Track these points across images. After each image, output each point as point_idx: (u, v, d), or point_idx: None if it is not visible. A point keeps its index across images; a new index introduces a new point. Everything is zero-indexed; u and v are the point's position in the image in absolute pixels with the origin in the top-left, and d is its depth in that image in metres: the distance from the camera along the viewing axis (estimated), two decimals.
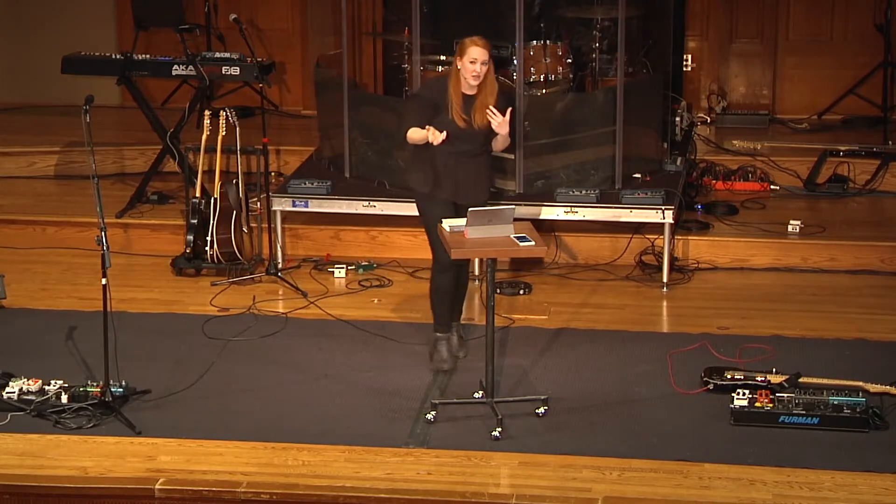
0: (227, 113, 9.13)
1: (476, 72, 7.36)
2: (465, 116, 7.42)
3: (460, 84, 7.43)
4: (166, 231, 9.62)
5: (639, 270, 9.18)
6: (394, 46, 10.53)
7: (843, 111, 11.28)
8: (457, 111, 7.42)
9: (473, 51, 7.35)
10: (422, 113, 7.50)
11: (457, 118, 7.42)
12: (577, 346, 7.99)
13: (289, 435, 6.93)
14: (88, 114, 7.20)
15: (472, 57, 7.35)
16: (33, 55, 11.98)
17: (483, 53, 7.35)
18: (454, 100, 7.43)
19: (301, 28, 11.88)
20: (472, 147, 7.50)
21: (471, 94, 7.45)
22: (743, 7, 11.54)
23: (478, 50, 7.35)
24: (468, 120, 7.42)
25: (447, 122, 7.41)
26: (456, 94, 7.44)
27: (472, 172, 7.56)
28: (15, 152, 10.88)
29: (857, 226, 9.55)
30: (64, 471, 6.63)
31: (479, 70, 7.36)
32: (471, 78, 7.38)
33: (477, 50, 7.35)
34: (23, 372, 7.43)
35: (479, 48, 7.36)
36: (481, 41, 7.40)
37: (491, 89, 7.45)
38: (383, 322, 8.36)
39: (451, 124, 7.42)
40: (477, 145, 7.52)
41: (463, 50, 7.38)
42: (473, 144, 7.50)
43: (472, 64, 7.35)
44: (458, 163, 7.51)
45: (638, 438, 6.87)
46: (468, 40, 7.40)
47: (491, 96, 7.43)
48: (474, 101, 7.44)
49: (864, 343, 8.00)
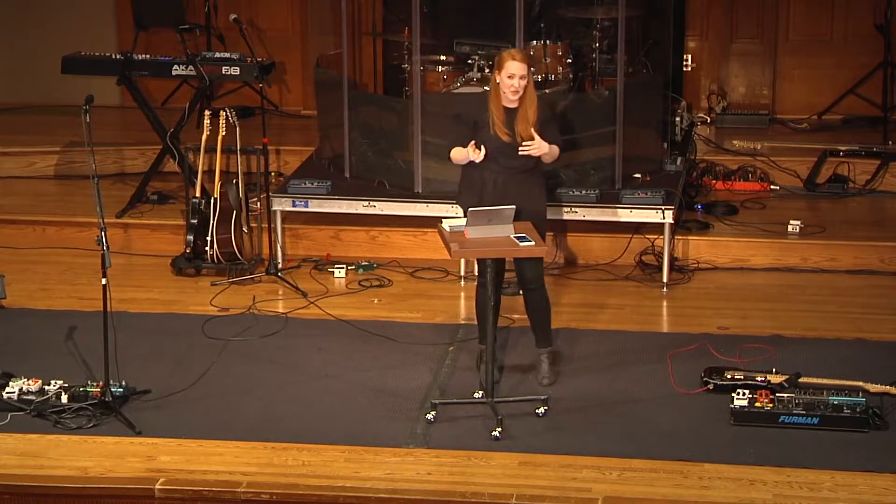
0: (227, 113, 9.13)
1: (514, 87, 7.18)
2: (507, 131, 7.26)
3: (500, 99, 7.27)
4: (166, 231, 9.62)
5: (639, 270, 9.18)
6: (394, 46, 10.53)
7: (843, 111, 11.28)
8: (499, 126, 7.26)
9: (511, 65, 7.17)
10: (461, 132, 7.36)
11: (500, 133, 7.26)
12: (577, 346, 7.99)
13: (289, 435, 6.93)
14: (88, 114, 7.20)
15: (510, 72, 7.18)
16: (33, 55, 11.98)
17: (521, 68, 7.17)
18: (495, 115, 7.27)
19: (301, 28, 11.88)
20: (520, 162, 7.32)
21: (512, 108, 7.29)
22: (743, 7, 11.54)
23: (515, 64, 7.17)
24: (511, 134, 7.26)
25: (490, 139, 7.28)
26: (497, 108, 7.27)
27: (524, 187, 7.36)
28: (15, 152, 10.88)
29: (857, 226, 9.55)
30: (64, 471, 6.63)
31: (518, 85, 7.18)
32: (510, 93, 7.21)
33: (515, 65, 7.17)
34: (23, 372, 7.43)
35: (517, 62, 7.18)
36: (519, 55, 7.23)
37: (531, 101, 7.27)
38: (383, 322, 8.36)
39: (494, 140, 7.27)
40: (523, 160, 7.32)
41: (501, 64, 7.21)
42: (521, 159, 7.31)
43: (510, 79, 7.18)
44: (508, 179, 7.34)
45: (638, 438, 6.87)
46: (506, 54, 7.23)
47: (531, 108, 7.26)
48: (516, 115, 7.28)
49: (864, 343, 8.00)
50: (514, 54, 7.23)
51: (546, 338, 7.58)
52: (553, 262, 9.23)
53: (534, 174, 7.44)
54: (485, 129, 7.30)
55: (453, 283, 9.07)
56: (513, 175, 7.36)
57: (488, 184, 7.38)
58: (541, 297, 7.51)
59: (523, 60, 7.21)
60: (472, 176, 7.44)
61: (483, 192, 7.38)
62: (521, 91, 7.23)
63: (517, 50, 7.35)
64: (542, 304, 7.54)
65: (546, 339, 7.58)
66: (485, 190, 7.39)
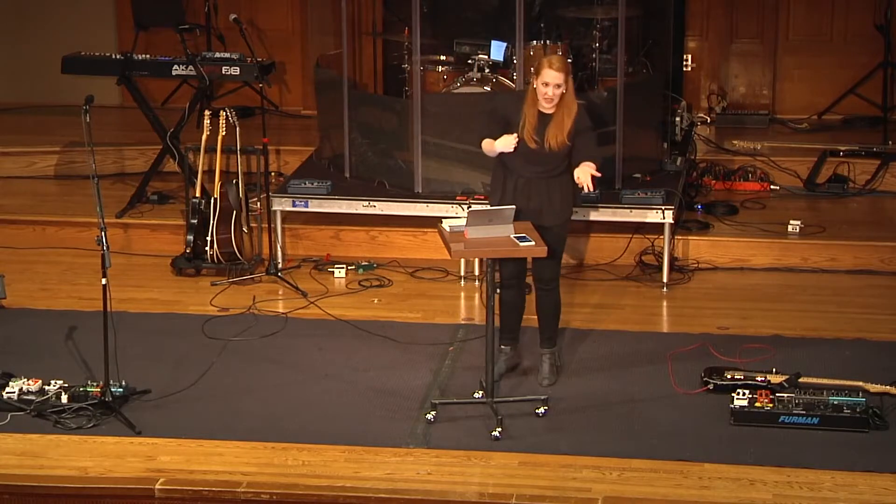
0: (227, 113, 9.13)
1: (549, 95, 7.11)
2: (536, 137, 7.19)
3: (536, 103, 7.20)
4: (166, 231, 9.62)
5: (639, 270, 9.18)
6: (394, 46, 10.53)
7: (843, 111, 11.28)
8: (528, 131, 7.20)
9: (547, 74, 7.08)
10: (493, 125, 7.30)
11: (527, 138, 7.20)
12: (577, 346, 7.99)
13: (289, 435, 6.93)
14: (88, 114, 7.21)
15: (545, 80, 7.10)
16: (33, 55, 11.98)
17: (557, 77, 7.06)
18: (528, 120, 7.20)
19: (301, 28, 11.87)
20: (544, 168, 7.28)
21: (548, 113, 7.23)
22: (743, 7, 11.54)
23: (552, 73, 7.06)
24: (539, 141, 7.20)
25: (520, 142, 7.22)
26: (531, 113, 7.20)
27: (548, 191, 7.30)
28: (15, 152, 10.87)
29: (857, 226, 9.55)
30: (64, 471, 6.63)
31: (552, 93, 7.10)
32: (544, 101, 7.15)
33: (551, 73, 7.07)
34: (23, 372, 7.43)
35: (553, 71, 7.07)
36: (557, 63, 7.10)
37: (569, 109, 7.18)
38: (383, 322, 8.36)
39: (523, 145, 7.22)
40: (550, 167, 7.28)
41: (539, 70, 7.13)
42: (545, 166, 7.27)
43: (545, 87, 7.11)
44: (529, 183, 7.30)
45: (638, 438, 6.87)
46: (545, 60, 7.13)
47: (568, 118, 7.18)
48: (550, 120, 7.21)
49: (864, 343, 8.00)
50: (553, 62, 7.11)
51: (551, 339, 7.58)
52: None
53: (560, 179, 7.35)
54: (515, 129, 7.24)
55: (453, 283, 9.07)
56: (537, 179, 7.31)
57: (510, 185, 7.36)
58: (554, 298, 7.52)
59: (560, 70, 7.08)
60: (499, 176, 7.41)
61: (506, 194, 7.36)
62: (555, 100, 7.15)
63: (557, 58, 7.21)
64: (554, 305, 7.55)
65: (551, 339, 7.59)
66: (506, 191, 7.37)
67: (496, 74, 9.52)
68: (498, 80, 9.45)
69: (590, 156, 7.26)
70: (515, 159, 7.28)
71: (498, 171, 7.43)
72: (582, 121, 7.28)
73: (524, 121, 7.22)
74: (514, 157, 7.26)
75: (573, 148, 7.27)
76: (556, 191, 7.36)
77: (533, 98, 7.22)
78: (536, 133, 7.21)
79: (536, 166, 7.29)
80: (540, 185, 7.32)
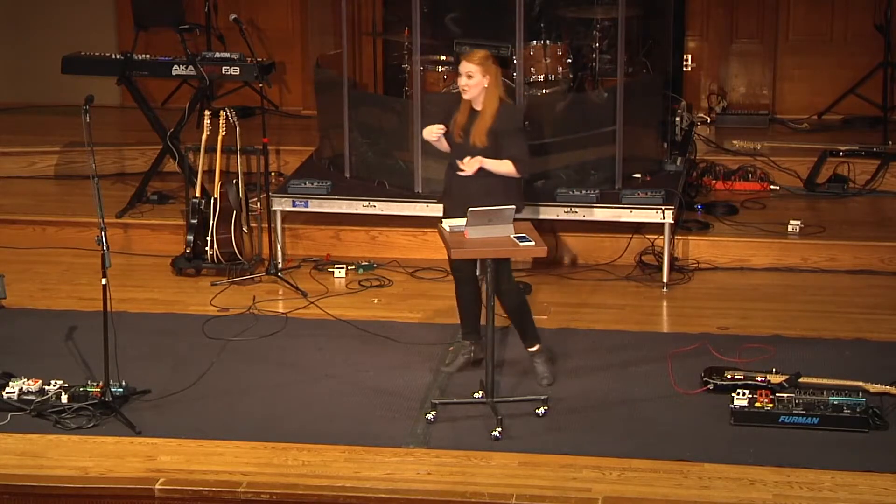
0: (227, 113, 9.13)
1: (461, 84, 7.23)
2: (461, 133, 7.29)
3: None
4: (166, 231, 9.62)
5: (639, 270, 9.18)
6: (394, 46, 10.53)
7: (843, 111, 11.28)
8: (458, 125, 7.30)
9: (463, 64, 7.23)
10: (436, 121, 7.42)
11: (455, 132, 7.31)
12: (577, 346, 7.99)
13: (289, 435, 6.93)
14: (88, 114, 7.21)
15: (460, 69, 7.25)
16: (33, 55, 11.98)
17: (466, 66, 7.19)
18: (460, 113, 7.32)
19: (301, 28, 11.87)
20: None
21: (477, 109, 7.29)
22: (743, 7, 11.54)
23: (463, 63, 7.22)
24: (464, 137, 7.28)
25: (449, 137, 7.36)
26: (463, 107, 7.31)
27: (483, 189, 7.29)
28: (15, 152, 10.88)
29: (857, 226, 9.55)
30: (64, 471, 6.63)
31: (465, 83, 7.20)
32: (461, 90, 7.27)
33: (463, 63, 7.22)
34: (23, 372, 7.43)
35: (466, 62, 7.22)
36: (476, 56, 7.23)
37: (490, 109, 7.24)
38: (383, 322, 8.36)
39: (451, 139, 7.36)
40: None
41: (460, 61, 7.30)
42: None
43: (459, 77, 7.25)
44: (461, 182, 7.35)
45: (638, 438, 6.87)
46: (466, 53, 7.30)
47: (489, 115, 7.24)
48: (477, 118, 7.29)
49: (864, 343, 8.00)
50: (470, 55, 7.25)
51: (531, 336, 7.53)
52: (553, 262, 9.23)
53: (496, 178, 7.31)
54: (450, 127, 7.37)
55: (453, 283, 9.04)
56: (463, 178, 7.30)
57: (447, 184, 7.45)
58: (513, 301, 7.46)
59: (474, 62, 7.19)
60: (448, 172, 7.50)
61: (449, 190, 7.46)
62: (468, 90, 7.21)
63: (476, 51, 7.32)
64: (517, 307, 7.49)
65: (530, 338, 7.54)
66: (449, 188, 7.45)
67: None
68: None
69: (510, 155, 7.25)
70: (453, 155, 7.38)
71: (448, 168, 7.51)
72: (507, 121, 7.28)
73: (457, 114, 7.34)
74: (452, 152, 7.38)
75: (500, 148, 7.26)
76: (497, 187, 7.30)
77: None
78: (464, 129, 7.30)
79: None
80: (476, 182, 7.30)
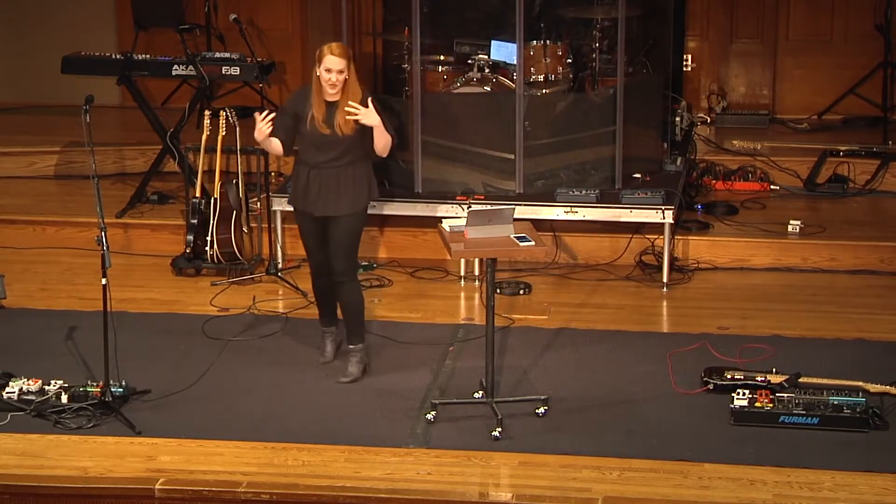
0: (227, 113, 9.13)
1: (332, 81, 7.21)
2: (325, 124, 7.28)
3: (321, 92, 7.28)
4: (166, 231, 9.62)
5: (639, 270, 9.18)
6: (394, 46, 10.53)
7: (843, 111, 11.28)
8: (318, 120, 7.29)
9: (329, 60, 7.19)
10: (281, 121, 7.37)
11: (318, 126, 7.30)
12: (577, 346, 7.99)
13: (289, 435, 6.92)
14: (88, 114, 7.21)
15: (327, 66, 7.20)
16: (33, 55, 11.98)
17: (338, 62, 7.18)
18: (316, 109, 7.29)
19: (301, 28, 11.87)
20: (335, 155, 7.33)
21: (334, 101, 7.30)
22: (743, 7, 11.54)
23: (333, 59, 7.19)
24: (331, 126, 7.28)
25: (310, 132, 7.32)
26: (318, 102, 7.29)
27: (334, 183, 7.35)
28: (15, 152, 10.87)
29: (857, 226, 9.55)
30: (64, 471, 6.63)
31: (336, 79, 7.20)
32: (328, 87, 7.23)
33: (332, 59, 7.19)
34: (23, 372, 7.43)
35: (334, 57, 7.19)
36: (338, 49, 7.23)
37: (353, 97, 7.25)
38: (383, 322, 8.36)
39: (314, 133, 7.31)
40: (339, 153, 7.33)
41: (320, 58, 7.22)
42: (336, 152, 7.32)
43: (327, 73, 7.21)
44: (319, 173, 7.35)
45: (638, 438, 6.87)
46: (325, 47, 7.24)
47: (354, 101, 7.24)
48: (337, 108, 7.28)
49: (864, 343, 8.00)
50: (333, 48, 7.23)
51: (355, 334, 7.57)
52: (553, 262, 9.24)
53: (352, 169, 7.37)
54: (305, 121, 7.33)
55: (453, 283, 9.07)
56: (327, 168, 7.34)
57: (302, 177, 7.41)
58: (351, 291, 7.52)
59: (341, 55, 7.20)
60: (296, 169, 7.52)
61: (298, 186, 7.44)
62: (338, 85, 7.23)
63: (337, 44, 7.31)
64: (352, 299, 7.54)
65: (356, 335, 7.57)
66: (299, 183, 7.43)
67: (496, 74, 9.53)
68: (498, 80, 9.46)
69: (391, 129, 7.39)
70: (307, 149, 7.39)
71: (295, 168, 7.54)
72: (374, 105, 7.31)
73: (312, 111, 7.30)
74: (305, 146, 7.39)
75: (365, 133, 7.30)
76: (348, 181, 7.37)
77: (318, 87, 7.29)
78: (326, 121, 7.29)
79: (327, 154, 7.33)
80: (329, 174, 7.35)
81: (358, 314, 7.57)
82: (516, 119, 9.13)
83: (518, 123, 9.12)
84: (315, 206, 7.38)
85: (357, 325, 7.58)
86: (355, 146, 7.35)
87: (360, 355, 7.59)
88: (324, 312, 7.78)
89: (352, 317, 7.56)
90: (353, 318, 7.56)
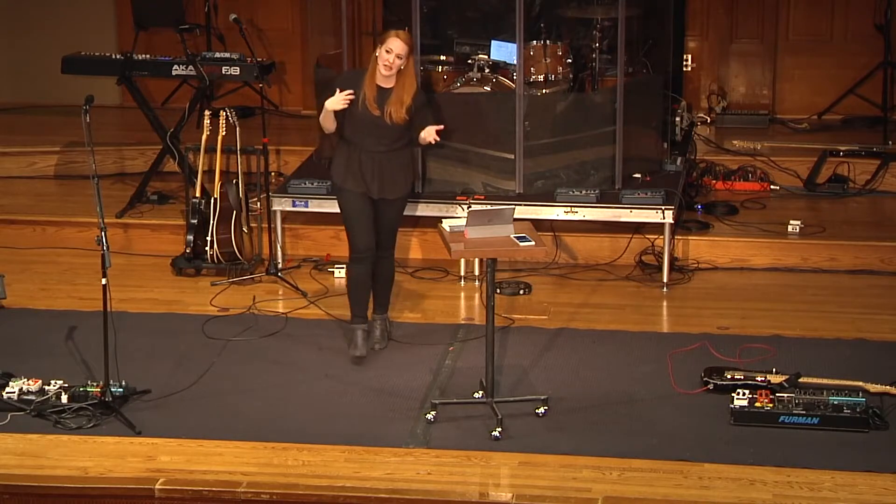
0: (227, 113, 9.13)
1: (388, 62, 7.42)
2: (377, 106, 7.49)
3: (376, 75, 7.49)
4: (166, 231, 9.62)
5: (639, 270, 9.18)
6: None
7: (843, 111, 11.28)
8: (370, 101, 7.49)
9: (392, 41, 7.42)
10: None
11: (370, 108, 7.50)
12: (577, 346, 8.00)
13: (289, 435, 6.93)
14: (88, 114, 7.21)
15: (389, 46, 7.42)
16: (33, 55, 11.98)
17: (401, 46, 7.41)
18: (368, 92, 7.49)
19: (301, 28, 11.88)
20: (386, 141, 7.58)
21: (387, 88, 7.51)
22: (743, 7, 11.54)
23: (396, 42, 7.42)
24: (381, 110, 7.49)
25: (361, 113, 7.51)
26: (370, 84, 7.51)
27: (388, 166, 7.63)
28: (15, 152, 10.88)
29: (857, 226, 9.55)
30: (64, 471, 6.63)
31: (392, 62, 7.41)
32: (383, 67, 7.44)
33: (396, 42, 7.42)
34: (23, 372, 7.43)
35: (398, 41, 7.42)
36: (405, 35, 7.48)
37: (409, 88, 7.51)
38: None
39: (365, 115, 7.52)
40: (390, 139, 7.59)
41: (384, 39, 7.46)
42: (387, 139, 7.58)
43: (387, 53, 7.41)
44: (372, 157, 7.59)
45: (638, 438, 6.87)
46: (393, 31, 7.48)
47: (408, 94, 7.50)
48: (390, 95, 7.50)
49: (864, 343, 8.00)
50: (400, 34, 7.49)
51: (385, 304, 8.04)
52: (553, 262, 9.24)
53: (401, 153, 7.70)
54: (357, 102, 7.51)
55: (453, 283, 9.07)
56: (379, 154, 7.60)
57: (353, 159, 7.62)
58: (391, 264, 7.96)
59: (406, 42, 7.46)
60: (343, 153, 7.69)
61: (350, 170, 7.63)
62: (393, 68, 7.44)
63: (405, 32, 7.57)
64: (391, 271, 7.98)
65: (384, 305, 8.04)
66: (350, 167, 7.62)
67: (496, 74, 9.53)
68: (498, 80, 9.46)
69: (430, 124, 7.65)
70: (358, 133, 7.58)
71: (342, 149, 7.70)
72: (420, 98, 7.62)
73: (364, 93, 7.51)
74: (357, 130, 7.57)
75: (413, 124, 7.58)
76: (400, 165, 7.70)
77: (373, 69, 7.51)
78: (378, 103, 7.51)
79: (378, 139, 7.58)
80: (382, 159, 7.61)
81: (392, 285, 8.04)
82: (516, 119, 9.13)
83: (518, 123, 9.12)
84: (372, 187, 7.62)
85: (389, 295, 8.05)
86: (405, 134, 7.62)
87: (385, 323, 8.02)
88: (358, 308, 7.82)
89: (387, 287, 8.00)
90: (388, 289, 8.01)
